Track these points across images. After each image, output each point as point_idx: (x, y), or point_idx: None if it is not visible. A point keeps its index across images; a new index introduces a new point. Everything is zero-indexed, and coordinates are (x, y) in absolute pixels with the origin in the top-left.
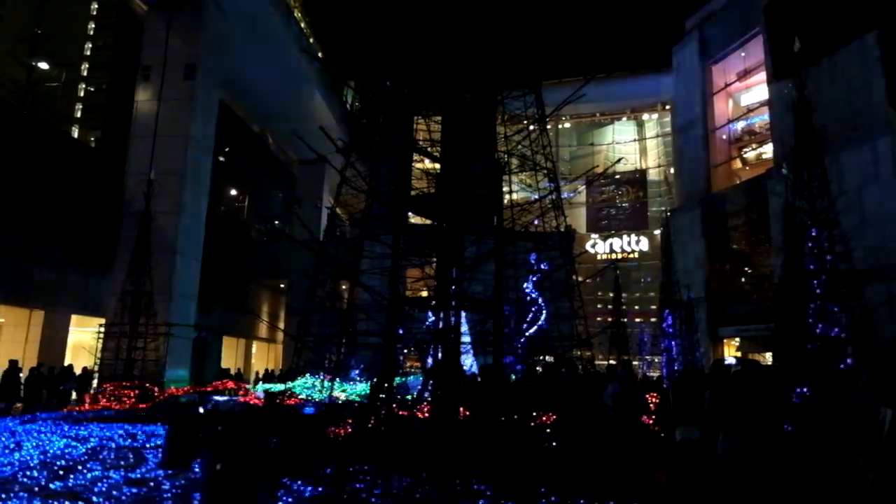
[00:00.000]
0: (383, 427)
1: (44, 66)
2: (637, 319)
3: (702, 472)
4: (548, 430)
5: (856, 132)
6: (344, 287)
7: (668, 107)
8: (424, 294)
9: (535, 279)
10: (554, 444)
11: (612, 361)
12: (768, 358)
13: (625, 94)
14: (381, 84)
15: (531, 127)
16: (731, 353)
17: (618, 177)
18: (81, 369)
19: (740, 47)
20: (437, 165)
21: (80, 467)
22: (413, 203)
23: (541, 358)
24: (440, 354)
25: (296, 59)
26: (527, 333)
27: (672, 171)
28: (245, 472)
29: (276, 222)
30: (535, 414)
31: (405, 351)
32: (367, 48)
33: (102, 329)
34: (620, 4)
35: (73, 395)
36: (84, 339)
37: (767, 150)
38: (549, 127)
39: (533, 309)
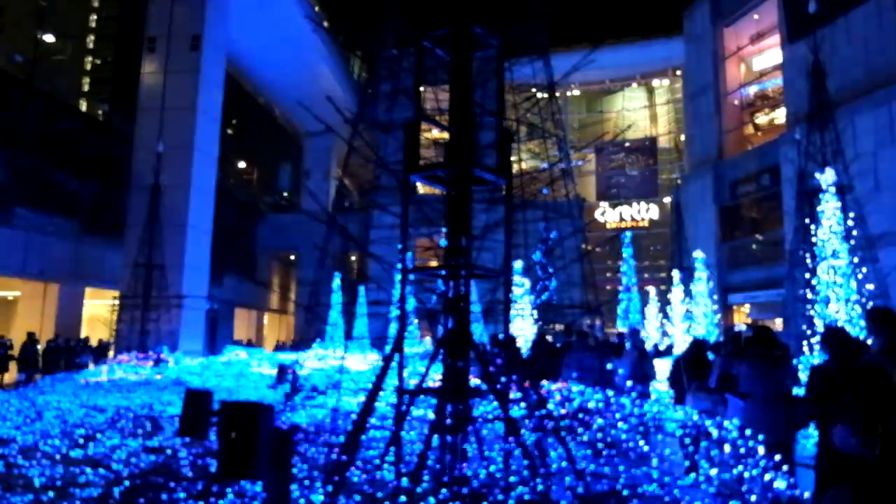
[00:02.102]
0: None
1: (49, 38)
2: (647, 287)
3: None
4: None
5: (871, 95)
6: (353, 258)
7: (678, 72)
8: (434, 264)
9: (544, 248)
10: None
11: (621, 329)
12: (778, 324)
13: (634, 60)
14: (387, 50)
15: (539, 95)
16: (741, 319)
17: (627, 144)
18: (97, 341)
19: (754, 9)
20: (446, 134)
21: (98, 435)
22: (422, 171)
23: (550, 326)
24: (451, 324)
25: (302, 29)
26: (536, 301)
27: (682, 137)
28: (259, 440)
29: (285, 194)
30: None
31: (416, 321)
32: (372, 9)
33: (117, 301)
34: None
35: (90, 367)
36: (99, 312)
37: (780, 115)
38: (557, 94)
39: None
